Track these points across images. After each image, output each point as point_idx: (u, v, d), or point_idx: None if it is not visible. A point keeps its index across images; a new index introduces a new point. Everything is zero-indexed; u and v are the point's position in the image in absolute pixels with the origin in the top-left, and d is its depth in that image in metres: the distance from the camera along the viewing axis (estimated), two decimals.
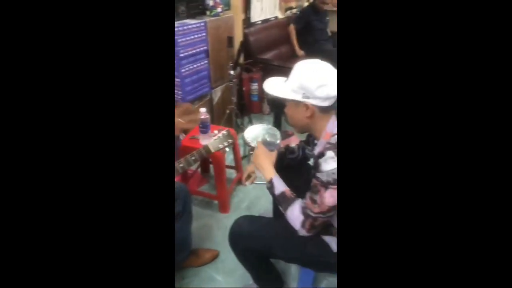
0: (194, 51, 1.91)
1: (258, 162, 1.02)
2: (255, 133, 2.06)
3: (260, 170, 1.02)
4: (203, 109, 1.45)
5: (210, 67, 2.09)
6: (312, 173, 1.00)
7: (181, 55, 1.80)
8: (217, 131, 1.13)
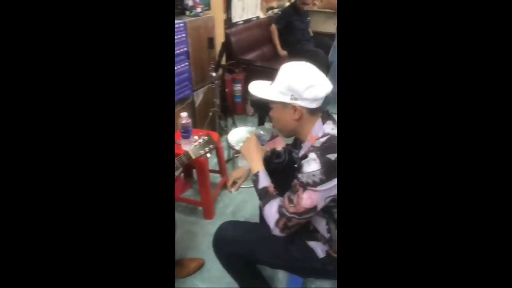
0: (175, 52, 1.85)
1: (248, 152, 0.98)
2: (239, 136, 2.03)
3: (248, 161, 0.98)
4: (184, 114, 1.40)
5: (191, 69, 2.04)
6: (295, 175, 0.98)
7: None
8: (198, 137, 1.09)
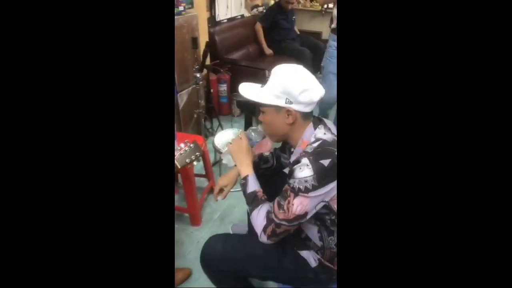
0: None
1: (237, 154, 0.93)
2: (225, 138, 1.98)
3: (237, 163, 0.93)
4: None
5: (174, 70, 1.98)
6: (286, 181, 0.96)
7: None
8: (183, 144, 1.05)
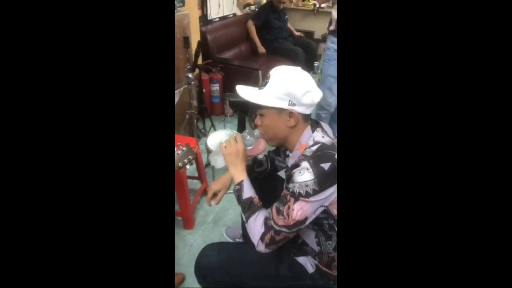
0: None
1: (232, 158, 0.88)
2: (218, 139, 1.95)
3: (231, 167, 0.88)
4: None
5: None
6: (285, 185, 0.93)
7: None
8: (176, 147, 1.01)
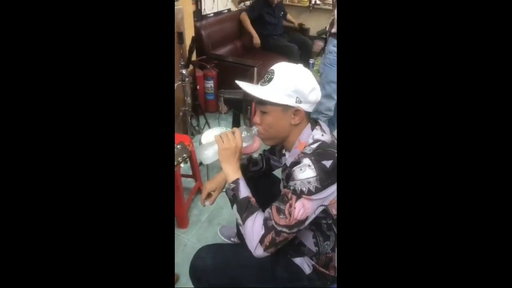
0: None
1: (227, 154, 0.81)
2: (212, 137, 1.92)
3: (225, 165, 0.82)
4: None
5: None
6: (283, 185, 0.91)
7: None
8: None
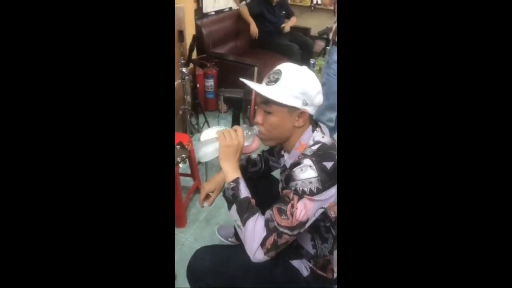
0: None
1: (229, 151, 0.79)
2: (211, 136, 1.91)
3: (225, 163, 0.79)
4: None
5: None
6: (282, 186, 0.90)
7: None
8: None
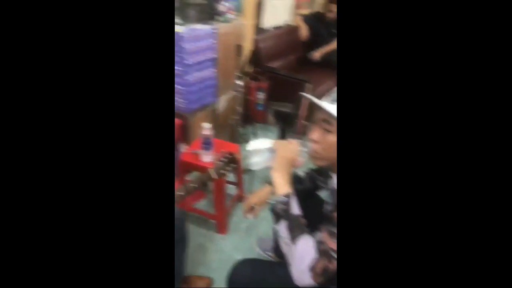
0: (202, 58, 1.81)
1: (284, 163, 0.78)
2: (262, 146, 1.96)
3: (278, 173, 0.78)
4: (207, 125, 1.36)
5: (217, 76, 2.00)
6: (331, 208, 0.89)
7: (188, 62, 1.70)
8: (221, 154, 1.04)
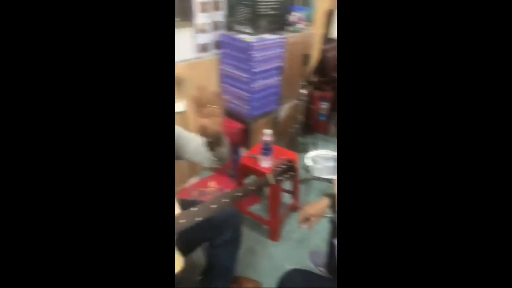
0: (269, 67, 1.87)
1: None
2: (317, 158, 1.92)
3: None
4: (268, 131, 1.39)
5: (282, 85, 2.03)
6: None
7: (255, 70, 1.77)
8: (280, 161, 1.05)
